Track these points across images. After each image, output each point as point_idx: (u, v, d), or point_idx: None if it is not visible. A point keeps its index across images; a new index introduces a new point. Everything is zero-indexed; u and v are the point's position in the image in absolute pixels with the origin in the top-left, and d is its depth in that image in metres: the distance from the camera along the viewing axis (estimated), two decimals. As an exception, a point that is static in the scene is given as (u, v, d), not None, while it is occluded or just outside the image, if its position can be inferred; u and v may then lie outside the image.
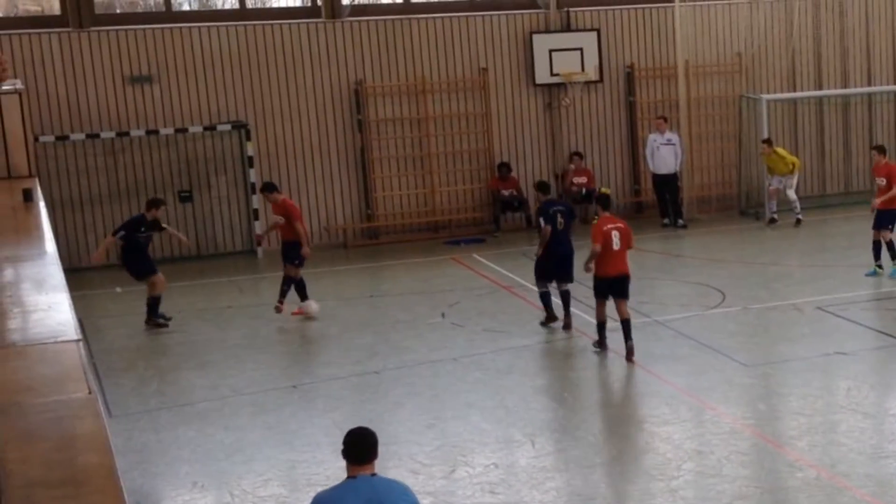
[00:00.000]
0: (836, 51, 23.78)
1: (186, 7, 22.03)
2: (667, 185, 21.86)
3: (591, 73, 22.14)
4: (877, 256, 16.57)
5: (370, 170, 21.50)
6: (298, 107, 21.05)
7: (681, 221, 21.79)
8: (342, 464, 6.12)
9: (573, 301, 14.82)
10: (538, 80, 22.01)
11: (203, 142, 20.54)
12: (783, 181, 21.33)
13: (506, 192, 21.53)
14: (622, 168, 22.99)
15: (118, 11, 21.94)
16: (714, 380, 12.50)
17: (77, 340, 4.74)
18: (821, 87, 23.68)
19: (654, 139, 21.85)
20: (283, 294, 15.86)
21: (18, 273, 6.53)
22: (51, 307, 5.42)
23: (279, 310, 15.79)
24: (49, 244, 7.15)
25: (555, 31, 22.10)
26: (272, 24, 20.89)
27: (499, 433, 11.23)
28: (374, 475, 6.06)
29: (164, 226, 16.31)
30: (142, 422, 12.02)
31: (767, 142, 21.60)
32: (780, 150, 21.65)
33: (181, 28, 20.45)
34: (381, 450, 6.17)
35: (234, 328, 15.78)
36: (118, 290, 17.43)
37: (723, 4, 23.08)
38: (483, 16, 21.92)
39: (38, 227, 8.00)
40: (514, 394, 12.44)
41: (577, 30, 22.21)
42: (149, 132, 20.03)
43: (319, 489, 6.40)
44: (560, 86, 22.15)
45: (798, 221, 21.18)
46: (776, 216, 21.45)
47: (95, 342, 14.97)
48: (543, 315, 14.97)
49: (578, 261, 14.20)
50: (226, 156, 20.71)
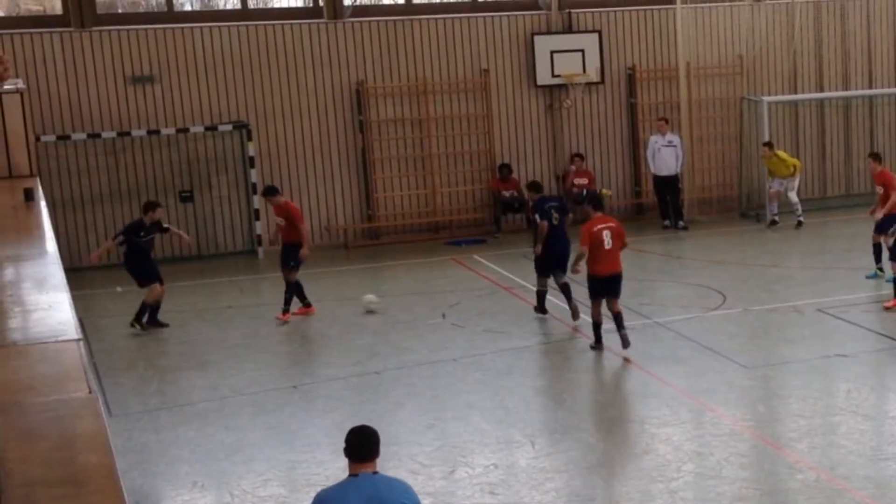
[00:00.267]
0: (838, 53, 23.78)
1: (188, 7, 22.03)
2: (668, 187, 21.86)
3: (593, 75, 22.15)
4: (877, 259, 16.56)
5: (371, 170, 21.50)
6: (300, 107, 21.05)
7: (681, 223, 21.78)
8: (342, 464, 6.12)
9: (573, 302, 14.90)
10: (539, 82, 22.01)
11: (204, 142, 20.55)
12: (784, 184, 21.32)
13: (506, 194, 21.53)
14: (623, 169, 22.99)
15: (120, 11, 21.95)
16: (714, 381, 12.50)
17: (77, 340, 4.74)
18: (822, 90, 23.67)
19: (655, 141, 21.85)
20: (288, 303, 15.86)
21: (19, 272, 6.53)
22: (51, 306, 5.43)
23: (282, 321, 15.79)
24: (50, 244, 7.15)
25: (556, 33, 22.11)
26: (274, 25, 20.90)
27: (499, 434, 11.23)
28: (376, 473, 6.06)
29: (167, 226, 16.29)
30: (142, 421, 12.02)
31: (768, 145, 21.59)
32: (781, 153, 21.64)
33: (183, 28, 20.46)
34: (381, 450, 6.16)
35: (235, 328, 15.78)
36: (119, 290, 17.43)
37: (724, 6, 23.08)
38: (484, 17, 21.93)
39: (39, 227, 8.01)
40: (515, 394, 12.45)
41: (579, 31, 22.21)
42: (150, 132, 20.04)
43: (319, 490, 6.39)
44: (561, 87, 22.15)
45: (799, 224, 21.18)
46: (777, 218, 21.45)
47: (96, 342, 14.97)
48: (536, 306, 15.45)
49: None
50: (227, 156, 20.72)
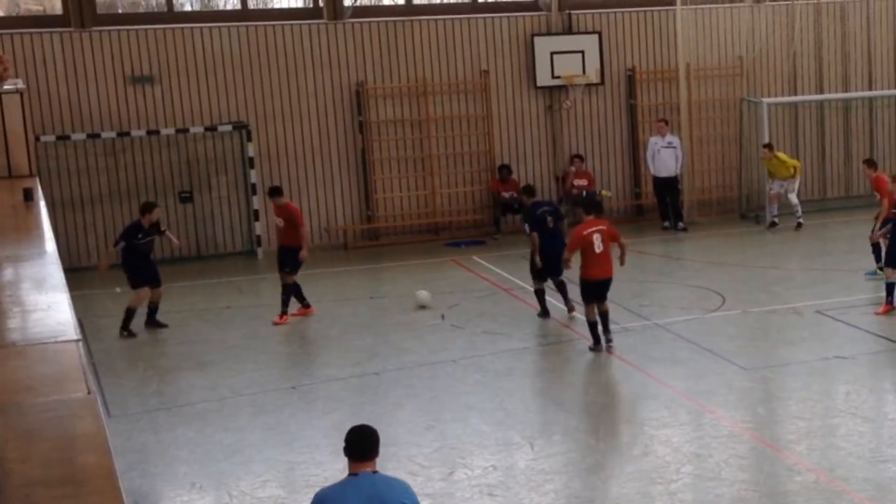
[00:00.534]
0: (837, 54, 23.77)
1: (188, 7, 22.03)
2: (667, 188, 21.86)
3: (593, 76, 22.15)
4: (878, 259, 16.56)
5: (371, 171, 21.49)
6: (300, 108, 21.05)
7: (681, 224, 21.78)
8: (341, 465, 6.12)
9: (573, 304, 14.92)
10: (539, 83, 22.01)
11: (204, 142, 20.54)
12: (784, 185, 21.33)
13: (506, 195, 21.51)
14: (623, 171, 22.99)
15: (120, 11, 21.94)
16: (713, 383, 12.50)
17: (77, 340, 4.74)
18: (822, 91, 23.67)
19: (655, 142, 21.85)
20: (284, 305, 15.86)
21: (18, 272, 6.53)
22: (50, 307, 5.42)
23: (279, 323, 15.80)
24: (49, 244, 7.15)
25: (556, 34, 22.11)
26: (274, 25, 20.90)
27: (498, 435, 11.22)
28: (376, 472, 6.07)
29: (164, 229, 16.26)
30: (141, 422, 12.02)
31: (768, 146, 21.59)
32: (781, 155, 21.64)
33: (183, 28, 20.46)
34: (381, 451, 6.16)
35: (234, 329, 15.78)
36: (118, 291, 17.40)
37: (724, 8, 23.08)
38: (484, 18, 21.93)
39: (39, 227, 8.01)
40: (514, 396, 12.45)
41: (579, 32, 22.21)
42: (150, 132, 20.04)
43: (318, 489, 6.39)
44: (561, 88, 22.15)
45: (798, 225, 21.18)
46: (777, 220, 21.45)
47: (95, 342, 14.98)
48: (539, 309, 15.52)
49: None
50: (226, 156, 20.71)
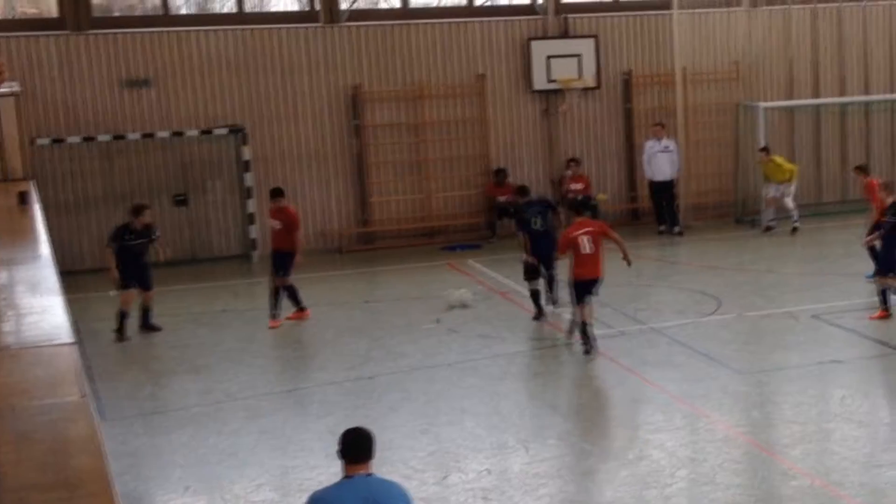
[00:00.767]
0: (834, 59, 23.81)
1: (184, 11, 22.03)
2: (663, 192, 21.88)
3: (589, 80, 22.17)
4: (876, 261, 16.49)
5: (367, 175, 21.49)
6: (295, 111, 21.05)
7: (677, 228, 21.80)
8: (335, 469, 6.10)
9: (569, 304, 14.93)
10: (536, 87, 22.03)
11: (199, 146, 20.54)
12: (780, 189, 21.35)
13: (502, 198, 21.51)
14: (619, 175, 23.01)
15: (115, 14, 21.91)
16: (708, 387, 12.50)
17: (71, 343, 4.74)
18: (818, 96, 23.70)
19: (651, 146, 21.87)
20: (273, 307, 15.85)
21: (13, 276, 6.53)
22: (45, 310, 5.42)
23: (274, 326, 15.78)
24: (44, 247, 7.15)
25: (553, 38, 22.13)
26: (270, 29, 20.90)
27: (492, 439, 11.21)
28: (371, 475, 6.05)
29: (157, 236, 16.15)
30: (135, 426, 12.00)
31: (765, 150, 21.62)
32: (778, 159, 21.66)
33: (178, 32, 20.45)
34: (375, 455, 6.15)
35: (229, 332, 15.77)
36: (112, 294, 17.36)
37: (721, 12, 23.11)
38: (481, 21, 21.94)
39: (34, 230, 8.01)
40: (509, 400, 12.44)
41: (575, 36, 22.23)
42: (145, 136, 20.02)
43: (312, 492, 6.37)
44: (557, 92, 22.17)
45: (794, 229, 21.20)
46: (773, 224, 21.47)
47: (90, 345, 14.95)
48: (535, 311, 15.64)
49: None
50: (222, 160, 20.71)
